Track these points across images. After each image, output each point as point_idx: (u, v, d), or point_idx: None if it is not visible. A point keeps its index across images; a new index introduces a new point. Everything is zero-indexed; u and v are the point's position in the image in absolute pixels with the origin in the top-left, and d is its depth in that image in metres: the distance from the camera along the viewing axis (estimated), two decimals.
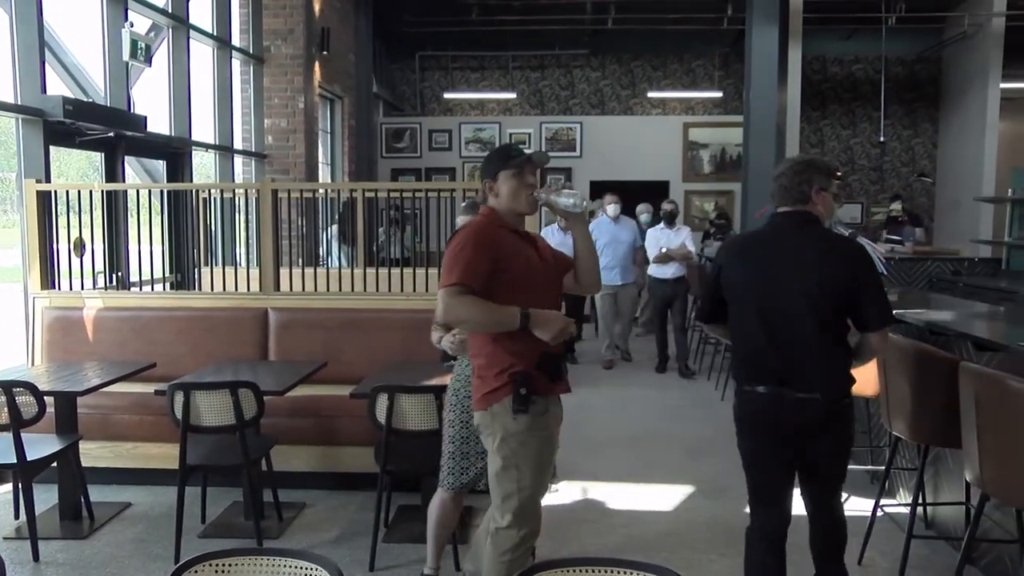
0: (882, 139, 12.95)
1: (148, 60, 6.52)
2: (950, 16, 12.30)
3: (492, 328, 2.65)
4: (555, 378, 2.72)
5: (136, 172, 7.08)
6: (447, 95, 13.85)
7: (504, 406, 2.65)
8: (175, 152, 7.29)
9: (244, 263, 6.19)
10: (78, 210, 5.19)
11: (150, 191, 6.14)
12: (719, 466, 4.98)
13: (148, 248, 5.60)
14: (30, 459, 3.73)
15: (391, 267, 5.64)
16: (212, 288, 5.51)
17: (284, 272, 5.36)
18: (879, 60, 12.73)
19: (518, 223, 2.83)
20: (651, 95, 13.75)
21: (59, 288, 5.22)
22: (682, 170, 12.56)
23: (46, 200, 5.09)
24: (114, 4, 6.21)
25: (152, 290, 5.98)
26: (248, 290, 5.43)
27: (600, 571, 1.70)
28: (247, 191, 6.47)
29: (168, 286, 6.41)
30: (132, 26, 6.23)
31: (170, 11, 7.14)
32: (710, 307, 2.97)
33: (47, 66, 5.45)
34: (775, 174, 2.86)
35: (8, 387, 3.66)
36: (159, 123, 7.10)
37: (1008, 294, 6.96)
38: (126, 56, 6.18)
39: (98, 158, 6.29)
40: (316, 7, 9.61)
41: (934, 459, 3.86)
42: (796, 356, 2.68)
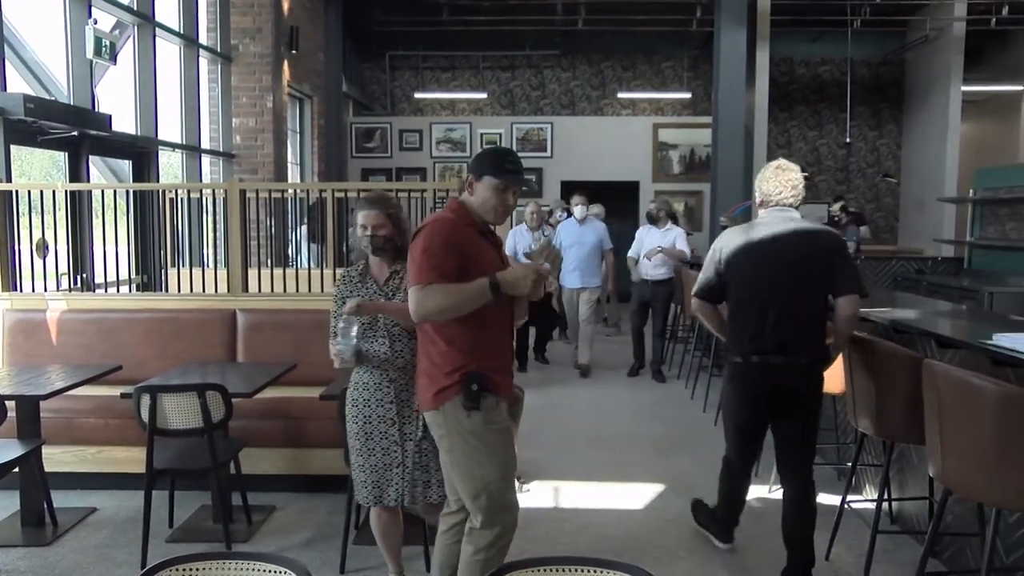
0: (848, 140, 13.18)
1: (113, 58, 6.42)
2: (913, 20, 12.52)
3: (468, 307, 2.58)
4: (488, 387, 2.66)
5: (101, 172, 6.97)
6: (418, 95, 13.81)
7: (455, 404, 2.63)
8: (141, 152, 7.19)
9: (212, 264, 6.11)
10: (40, 210, 5.10)
11: (115, 191, 6.05)
12: (689, 465, 5.02)
13: (114, 249, 5.51)
14: None
15: None
16: (179, 289, 5.44)
17: (253, 273, 5.31)
18: (845, 62, 12.92)
19: (485, 223, 2.80)
20: (621, 96, 13.82)
21: (21, 290, 5.13)
22: (652, 170, 12.64)
23: (7, 200, 4.99)
24: (77, 1, 6.11)
25: (118, 292, 5.89)
26: (216, 291, 5.36)
27: (571, 570, 1.70)
28: (215, 191, 6.40)
29: (134, 288, 6.32)
30: (96, 23, 6.13)
31: (135, 8, 7.03)
32: (709, 285, 3.46)
33: (7, 63, 5.35)
34: (778, 180, 3.38)
35: None
36: (124, 122, 7.00)
37: (970, 292, 7.11)
38: (90, 54, 6.08)
39: (62, 157, 6.18)
40: (285, 6, 9.53)
41: (899, 455, 3.93)
42: (791, 327, 3.23)
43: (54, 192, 5.22)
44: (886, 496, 3.92)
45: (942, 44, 11.93)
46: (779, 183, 3.35)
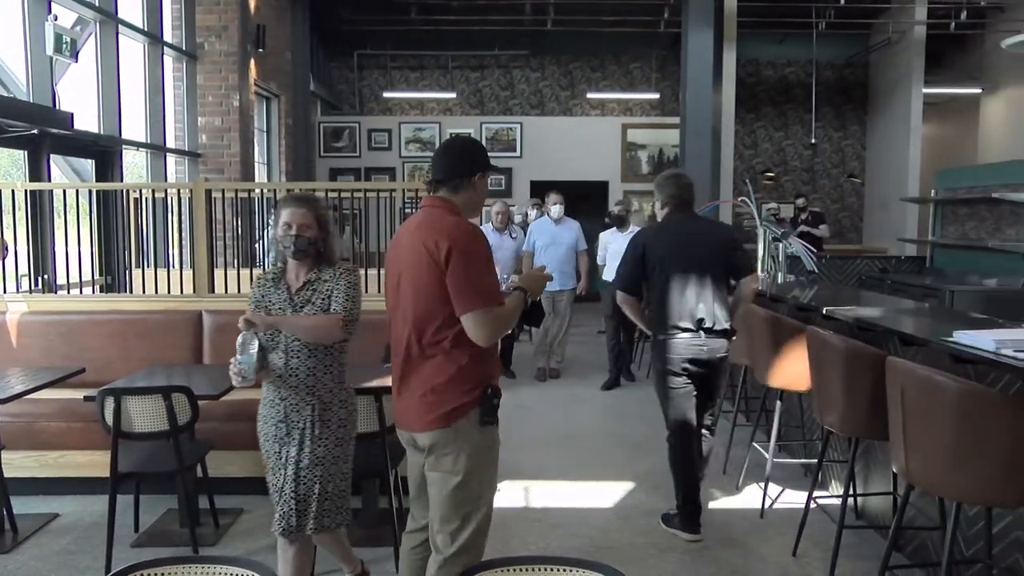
0: (813, 141, 13.36)
1: (74, 55, 6.31)
2: (875, 23, 12.74)
3: (514, 323, 2.60)
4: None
5: (63, 171, 6.85)
6: (386, 94, 13.76)
7: (471, 420, 2.50)
8: (104, 151, 7.07)
9: (178, 265, 6.03)
10: None
11: (78, 191, 5.94)
12: (658, 463, 5.04)
13: (76, 250, 5.41)
14: None
15: None
16: (144, 290, 5.36)
17: (219, 273, 5.24)
18: (810, 64, 13.11)
19: None
20: (590, 96, 13.89)
21: None
22: (621, 170, 12.72)
23: None
24: None
25: (81, 293, 5.79)
26: (182, 292, 5.30)
27: (542, 570, 1.71)
28: (180, 191, 6.32)
29: (98, 289, 6.21)
30: (56, 19, 6.01)
31: (97, 5, 6.91)
32: (636, 280, 4.01)
33: None
34: (676, 185, 4.06)
35: None
36: (87, 121, 6.88)
37: (932, 291, 7.24)
38: (50, 51, 5.97)
39: (21, 156, 6.06)
40: (251, 4, 9.44)
41: (864, 451, 3.99)
42: (706, 305, 3.87)
43: (13, 192, 5.12)
44: (851, 492, 3.99)
45: (904, 47, 12.15)
46: (679, 188, 4.04)
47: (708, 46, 9.52)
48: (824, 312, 3.99)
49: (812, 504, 3.82)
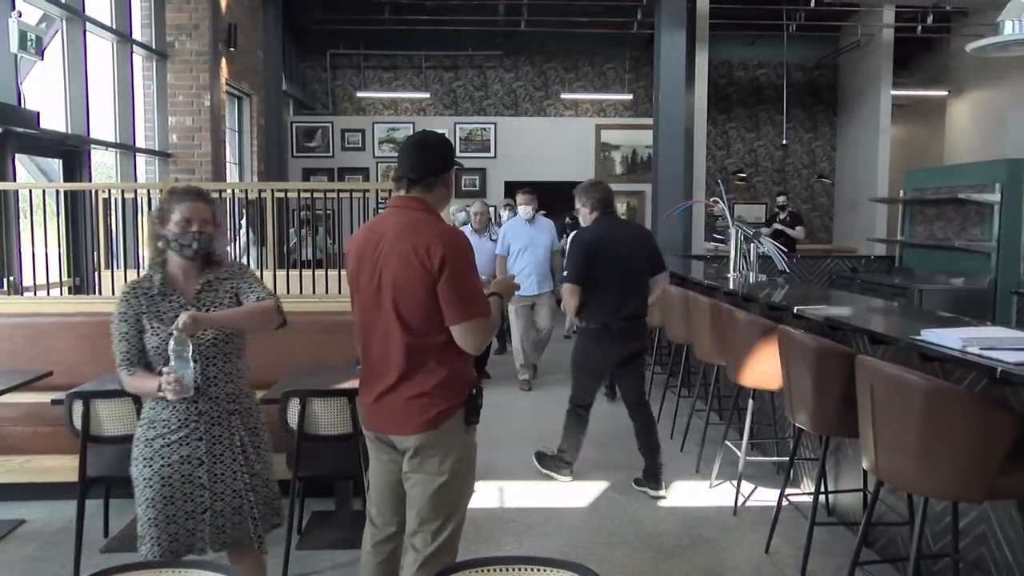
0: (784, 142, 13.51)
1: (40, 53, 6.21)
2: (844, 26, 12.91)
3: (497, 328, 2.65)
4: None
5: (29, 171, 6.73)
6: (360, 94, 13.69)
7: (458, 419, 2.51)
8: (72, 150, 6.96)
9: (147, 266, 5.94)
10: None
11: (44, 191, 5.85)
12: (633, 461, 5.07)
13: (44, 251, 5.32)
14: None
15: (303, 269, 5.53)
16: (113, 292, 5.26)
17: None
18: (781, 66, 13.25)
19: None
20: (564, 96, 13.92)
21: None
22: (595, 171, 12.75)
23: None
24: None
25: (48, 295, 5.69)
26: None
27: (516, 569, 1.71)
28: (150, 191, 6.24)
29: (66, 290, 6.11)
30: (20, 16, 5.91)
31: (63, 2, 6.80)
32: (587, 275, 4.48)
33: None
34: (604, 191, 4.64)
35: None
36: (54, 119, 6.76)
37: (901, 290, 7.36)
38: (14, 48, 5.86)
39: None
40: (223, 2, 9.34)
41: (835, 449, 4.04)
42: (634, 298, 4.51)
43: None
44: (823, 489, 4.04)
45: (872, 50, 12.33)
46: (604, 193, 4.61)
47: (680, 47, 9.58)
48: (795, 312, 4.03)
49: (784, 501, 3.86)
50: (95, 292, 5.93)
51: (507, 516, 4.28)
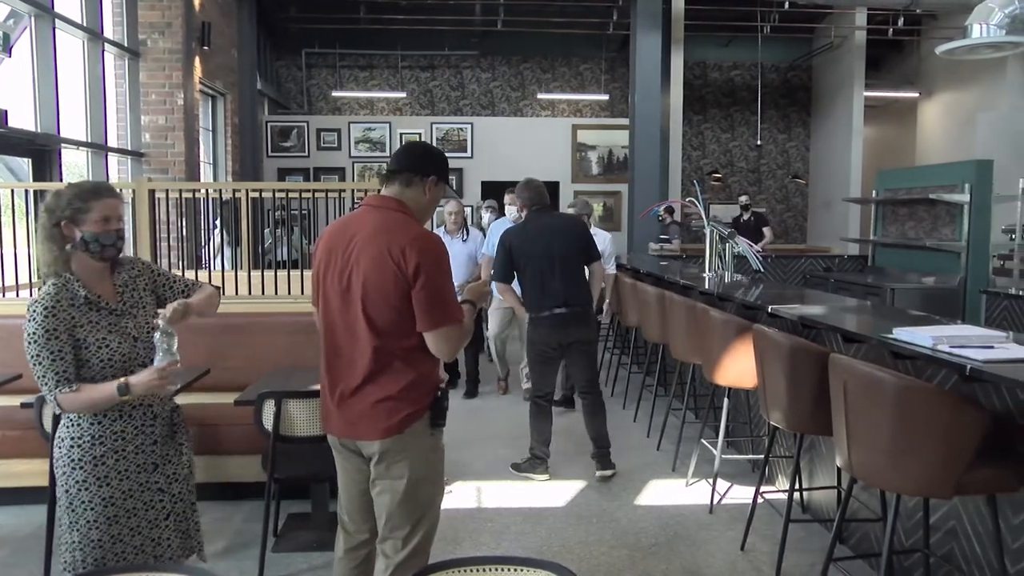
0: (759, 142, 13.64)
1: (7, 50, 6.11)
2: (818, 28, 13.05)
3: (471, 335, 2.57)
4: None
5: None
6: (335, 93, 13.61)
7: (423, 423, 2.46)
8: (41, 149, 6.85)
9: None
10: None
11: (13, 191, 5.75)
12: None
13: (12, 252, 5.23)
14: None
15: (277, 269, 5.49)
16: None
17: None
18: (756, 67, 13.37)
19: None
20: (540, 97, 13.94)
21: None
22: (571, 171, 12.78)
23: None
24: None
25: (17, 297, 5.60)
26: None
27: (495, 569, 1.71)
28: (122, 191, 6.16)
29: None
30: None
31: None
32: (508, 271, 4.80)
33: None
34: (534, 189, 4.89)
35: None
36: (23, 118, 6.65)
37: (873, 289, 7.45)
38: None
39: None
40: (196, 0, 9.25)
41: (809, 446, 4.08)
42: (568, 287, 4.70)
43: None
44: (797, 486, 4.08)
45: (845, 51, 12.47)
46: (535, 191, 4.86)
47: (656, 48, 9.64)
48: (769, 311, 4.07)
49: (759, 499, 3.89)
50: None
51: (485, 516, 4.27)
